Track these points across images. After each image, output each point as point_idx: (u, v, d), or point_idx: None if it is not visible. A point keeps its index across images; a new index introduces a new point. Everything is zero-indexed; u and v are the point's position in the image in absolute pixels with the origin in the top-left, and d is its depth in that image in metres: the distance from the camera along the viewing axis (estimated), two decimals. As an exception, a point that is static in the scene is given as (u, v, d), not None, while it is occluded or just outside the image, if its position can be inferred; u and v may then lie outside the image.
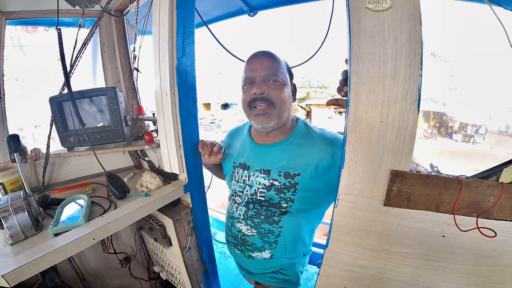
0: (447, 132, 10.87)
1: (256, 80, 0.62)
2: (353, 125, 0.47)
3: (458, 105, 13.25)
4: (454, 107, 12.96)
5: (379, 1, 0.44)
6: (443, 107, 12.71)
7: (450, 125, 10.84)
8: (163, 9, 0.70)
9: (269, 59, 0.63)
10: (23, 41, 1.45)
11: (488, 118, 11.00)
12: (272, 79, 0.62)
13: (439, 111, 11.74)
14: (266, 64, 0.62)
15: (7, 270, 0.48)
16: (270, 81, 0.62)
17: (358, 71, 0.46)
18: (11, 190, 0.82)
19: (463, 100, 13.40)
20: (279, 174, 0.64)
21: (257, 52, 0.66)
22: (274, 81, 0.62)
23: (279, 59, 0.65)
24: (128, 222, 0.68)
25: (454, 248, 0.50)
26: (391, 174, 0.47)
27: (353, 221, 0.54)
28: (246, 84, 0.64)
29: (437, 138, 10.81)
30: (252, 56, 0.66)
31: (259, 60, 0.64)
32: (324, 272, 0.62)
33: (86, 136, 0.80)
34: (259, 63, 0.63)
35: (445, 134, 10.95)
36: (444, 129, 11.09)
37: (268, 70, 0.62)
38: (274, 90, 0.62)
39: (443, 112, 11.71)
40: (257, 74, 0.62)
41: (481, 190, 0.46)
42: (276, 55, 0.65)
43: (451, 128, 10.73)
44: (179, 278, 0.92)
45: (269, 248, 0.66)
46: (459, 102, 13.45)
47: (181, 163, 0.76)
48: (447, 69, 16.36)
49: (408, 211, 0.50)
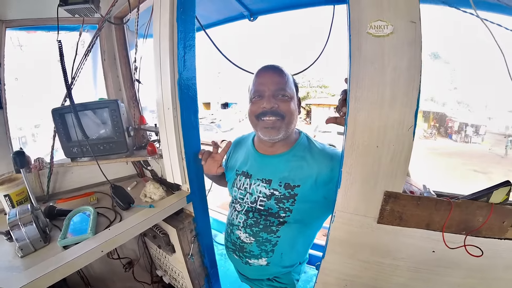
0: (446, 132, 10.92)
1: (265, 94, 0.64)
2: (350, 148, 0.49)
3: (458, 105, 13.25)
4: (454, 107, 12.97)
5: (381, 26, 0.45)
6: (443, 107, 12.71)
7: (450, 125, 10.88)
8: (164, 23, 0.70)
9: (278, 74, 0.65)
10: (22, 41, 1.43)
11: (488, 118, 11.03)
12: (281, 93, 0.64)
13: (439, 111, 11.76)
14: (275, 79, 0.64)
15: (20, 285, 0.49)
16: (279, 95, 0.64)
17: (356, 96, 0.48)
18: (16, 201, 0.83)
19: (463, 100, 13.39)
20: (279, 184, 0.66)
21: (266, 66, 0.68)
22: (282, 95, 0.64)
23: (287, 73, 0.67)
24: (134, 234, 0.70)
25: (444, 262, 0.53)
26: (385, 195, 0.50)
27: (348, 235, 0.57)
28: (255, 97, 0.66)
29: (436, 138, 10.87)
30: (262, 70, 0.68)
31: (269, 74, 0.66)
32: (321, 279, 0.66)
33: (89, 147, 0.81)
34: (269, 77, 0.65)
35: (444, 134, 11.00)
36: (444, 129, 11.14)
37: (277, 85, 0.64)
38: (283, 103, 0.64)
39: (443, 112, 11.73)
40: (267, 88, 0.64)
41: (471, 211, 0.48)
42: (284, 70, 0.67)
43: (451, 128, 10.77)
44: (181, 282, 0.96)
45: (266, 256, 0.69)
46: (459, 102, 13.44)
47: (184, 174, 0.78)
48: (448, 69, 16.26)
49: (400, 228, 0.52)
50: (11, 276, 0.53)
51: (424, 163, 6.77)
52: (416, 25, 0.43)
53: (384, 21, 0.45)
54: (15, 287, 0.48)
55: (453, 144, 10.04)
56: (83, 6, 0.83)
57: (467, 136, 10.07)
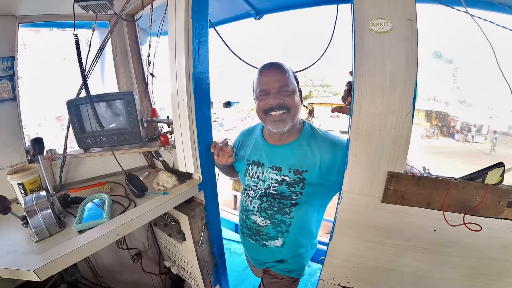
0: (449, 132, 11.11)
1: (270, 92, 0.72)
2: (356, 132, 0.56)
3: (460, 105, 13.50)
4: (456, 106, 13.20)
5: (381, 23, 0.52)
6: (445, 106, 12.94)
7: (452, 125, 11.08)
8: (179, 19, 0.77)
9: (280, 72, 0.73)
10: (26, 40, 1.49)
11: (490, 118, 11.25)
12: (284, 89, 0.72)
13: (441, 111, 11.98)
14: (278, 77, 0.72)
15: (38, 266, 0.52)
16: (283, 91, 0.72)
17: (360, 86, 0.55)
18: (30, 189, 0.87)
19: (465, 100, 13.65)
20: (289, 171, 0.74)
21: (267, 65, 0.76)
22: (286, 90, 0.72)
23: (287, 69, 0.75)
24: (149, 219, 0.76)
25: (445, 241, 0.59)
26: (388, 175, 0.56)
27: (354, 216, 0.64)
28: (261, 95, 0.74)
29: (439, 137, 11.06)
30: (264, 69, 0.75)
31: (271, 73, 0.73)
32: (329, 263, 0.72)
33: (104, 137, 0.87)
34: (272, 76, 0.73)
35: (447, 133, 11.20)
36: (446, 128, 11.33)
37: (280, 82, 0.72)
38: (288, 98, 0.72)
39: (445, 111, 11.95)
40: (271, 87, 0.72)
41: (468, 191, 0.54)
42: (285, 66, 0.75)
43: (453, 127, 10.98)
44: (190, 272, 1.01)
45: (281, 236, 0.77)
46: (461, 101, 13.70)
47: (196, 163, 0.84)
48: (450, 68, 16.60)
49: (403, 207, 0.59)
50: (28, 258, 0.56)
51: (426, 162, 6.89)
52: (413, 22, 0.50)
53: (384, 19, 0.52)
54: (33, 267, 0.51)
55: (455, 144, 10.20)
56: (98, 3, 0.89)
57: (469, 136, 10.24)
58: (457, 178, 0.56)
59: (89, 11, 1.04)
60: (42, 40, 1.26)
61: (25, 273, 0.52)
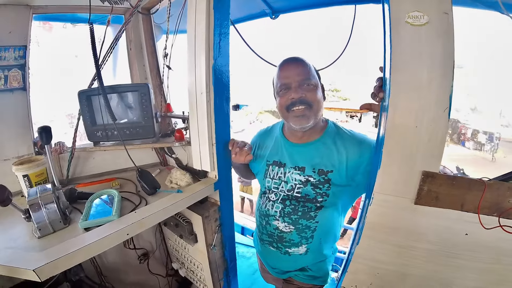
0: (459, 139, 11.11)
1: (291, 85, 0.70)
2: (391, 129, 0.56)
3: (471, 112, 13.53)
4: (467, 113, 13.23)
5: (417, 16, 0.52)
6: (456, 113, 12.96)
7: (463, 132, 11.08)
8: (200, 9, 0.77)
9: (301, 65, 0.72)
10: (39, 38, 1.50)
11: (502, 126, 11.25)
12: (306, 83, 0.70)
13: (452, 118, 11.96)
14: (299, 70, 0.71)
15: (39, 265, 0.48)
16: (304, 85, 0.70)
17: (396, 80, 0.54)
18: (35, 182, 0.86)
19: (476, 107, 13.68)
20: (313, 171, 0.72)
21: (288, 59, 0.75)
22: (308, 84, 0.71)
23: (309, 63, 0.74)
24: (161, 218, 0.74)
25: (476, 246, 0.58)
26: (423, 175, 0.55)
27: (384, 218, 0.62)
28: (281, 90, 0.73)
29: (449, 144, 11.05)
30: (284, 63, 0.74)
31: (292, 66, 0.72)
32: (352, 269, 0.70)
33: (116, 131, 0.86)
34: (292, 69, 0.72)
35: (457, 141, 11.19)
36: (457, 136, 11.33)
37: (301, 75, 0.71)
38: (310, 92, 0.70)
39: (456, 118, 11.96)
40: (292, 80, 0.71)
41: (502, 192, 0.53)
42: (306, 60, 0.74)
43: (464, 135, 10.98)
44: (200, 275, 0.99)
45: (306, 243, 0.75)
46: (472, 108, 13.73)
47: (213, 161, 0.83)
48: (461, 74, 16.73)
49: (435, 209, 0.58)
50: (29, 255, 0.53)
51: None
52: (449, 16, 0.51)
53: (420, 11, 0.52)
54: (33, 266, 0.48)
55: (465, 152, 10.18)
56: (115, -7, 0.91)
57: (480, 144, 10.23)
58: (491, 178, 0.56)
59: (105, 2, 1.05)
60: (55, 38, 1.28)
61: (24, 272, 0.49)
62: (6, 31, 0.87)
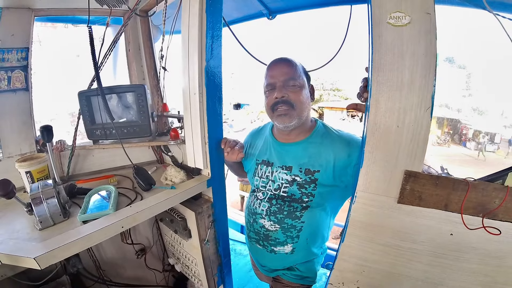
0: (460, 140, 10.94)
1: (276, 85, 0.71)
2: (373, 128, 0.56)
3: (472, 112, 13.29)
4: (469, 114, 13.00)
5: (399, 17, 0.52)
6: (457, 113, 12.76)
7: (464, 132, 10.91)
8: (193, 12, 0.79)
9: (287, 65, 0.72)
10: (41, 36, 1.54)
11: (503, 127, 11.03)
12: (291, 83, 0.71)
13: (453, 118, 11.83)
14: (284, 70, 0.72)
15: (39, 253, 0.51)
16: (289, 85, 0.71)
17: (378, 80, 0.54)
18: (37, 178, 0.89)
19: (478, 107, 13.43)
20: (300, 170, 0.72)
21: (275, 60, 0.76)
22: (293, 85, 0.71)
23: (296, 63, 0.74)
24: (155, 213, 0.76)
25: (461, 246, 0.57)
26: (405, 174, 0.55)
27: (369, 217, 0.62)
28: (268, 90, 0.74)
29: (450, 145, 10.89)
30: (271, 64, 0.75)
31: (278, 66, 0.73)
32: (339, 266, 0.70)
33: (114, 130, 0.89)
34: (278, 69, 0.72)
35: (458, 141, 11.02)
36: (458, 136, 11.16)
37: (286, 75, 0.71)
38: (293, 93, 0.71)
39: (457, 119, 11.78)
40: (277, 80, 0.71)
41: (487, 192, 0.53)
42: (293, 60, 0.74)
43: (465, 135, 10.81)
44: (194, 270, 1.01)
45: (291, 242, 0.75)
46: (473, 109, 13.49)
47: (206, 158, 0.84)
48: (463, 75, 16.42)
49: (420, 209, 0.57)
50: (30, 245, 0.57)
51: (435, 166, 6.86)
52: (431, 16, 0.50)
53: (402, 12, 0.52)
54: (34, 255, 0.51)
55: (466, 152, 10.02)
56: (112, -4, 0.92)
57: (481, 144, 10.05)
58: (476, 179, 0.55)
59: (103, 5, 1.07)
60: (57, 37, 1.31)
61: (26, 260, 0.52)
62: (9, 33, 0.90)
